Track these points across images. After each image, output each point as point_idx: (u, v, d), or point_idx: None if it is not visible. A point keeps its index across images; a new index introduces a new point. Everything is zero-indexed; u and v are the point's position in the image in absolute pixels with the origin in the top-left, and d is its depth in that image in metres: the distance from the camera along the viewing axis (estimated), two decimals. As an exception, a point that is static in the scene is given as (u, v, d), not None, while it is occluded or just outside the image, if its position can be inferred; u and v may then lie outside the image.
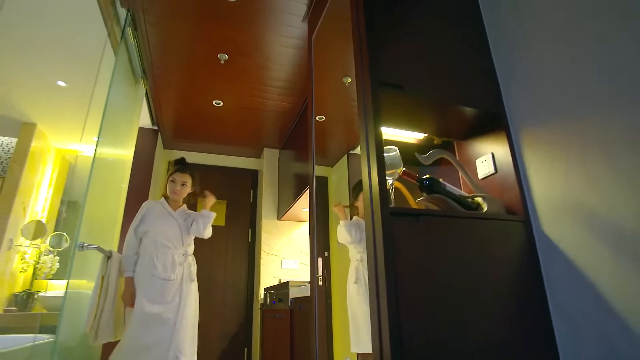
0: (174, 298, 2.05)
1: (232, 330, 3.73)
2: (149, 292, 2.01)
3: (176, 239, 2.19)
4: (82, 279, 1.99)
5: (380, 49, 1.41)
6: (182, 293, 2.08)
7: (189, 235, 2.25)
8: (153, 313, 1.97)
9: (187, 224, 2.25)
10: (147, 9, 2.22)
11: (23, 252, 3.34)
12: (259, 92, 3.08)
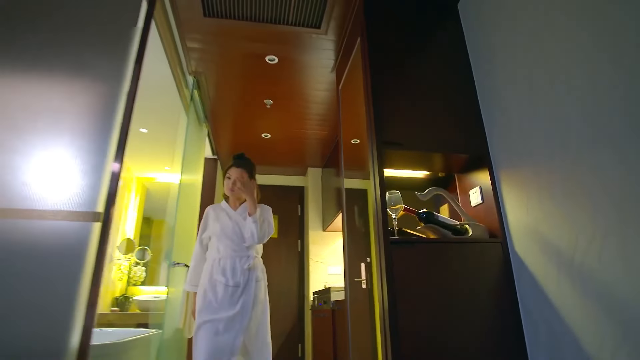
0: (240, 302, 1.91)
1: (288, 328, 4.29)
2: (213, 299, 1.92)
3: (237, 240, 2.04)
4: (172, 287, 2.61)
5: (384, 113, 1.85)
6: (248, 295, 1.93)
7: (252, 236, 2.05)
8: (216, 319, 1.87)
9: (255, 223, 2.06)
10: (207, 74, 2.82)
11: (119, 264, 4.14)
12: (300, 125, 3.61)
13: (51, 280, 1.29)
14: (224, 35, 2.44)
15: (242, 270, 1.98)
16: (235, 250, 2.02)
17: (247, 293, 1.95)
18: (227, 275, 1.96)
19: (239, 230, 2.06)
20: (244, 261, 2.00)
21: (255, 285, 2.00)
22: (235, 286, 1.95)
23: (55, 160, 1.47)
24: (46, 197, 1.41)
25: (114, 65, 1.70)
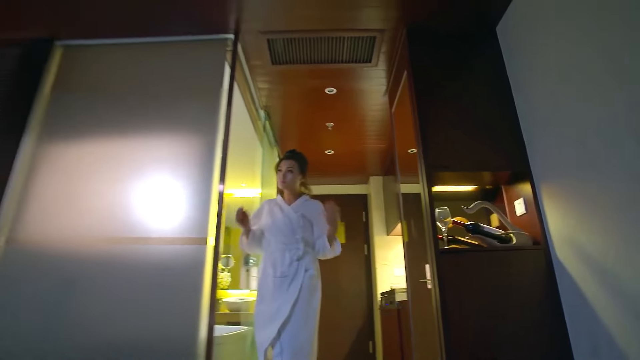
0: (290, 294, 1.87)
1: (358, 326, 4.64)
2: (264, 290, 1.94)
3: (288, 233, 2.02)
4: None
5: (431, 138, 2.13)
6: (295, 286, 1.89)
7: (304, 229, 2.04)
8: (265, 311, 1.88)
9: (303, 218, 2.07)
10: (275, 107, 3.29)
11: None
12: (360, 141, 3.96)
13: (183, 289, 1.79)
14: (288, 76, 2.87)
15: (290, 261, 1.94)
16: (285, 242, 1.99)
17: (296, 283, 1.89)
18: (276, 266, 1.94)
19: (289, 223, 2.04)
20: (293, 252, 1.96)
21: (304, 275, 1.92)
22: (282, 277, 1.92)
23: (178, 200, 1.98)
24: (173, 228, 1.92)
25: (210, 119, 2.19)
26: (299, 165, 2.17)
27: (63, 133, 2.24)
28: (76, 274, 1.92)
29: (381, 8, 2.23)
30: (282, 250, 1.98)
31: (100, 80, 2.38)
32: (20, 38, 2.41)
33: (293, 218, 2.06)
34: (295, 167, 2.16)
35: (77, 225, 2.02)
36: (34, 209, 2.07)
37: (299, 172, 2.16)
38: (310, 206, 2.14)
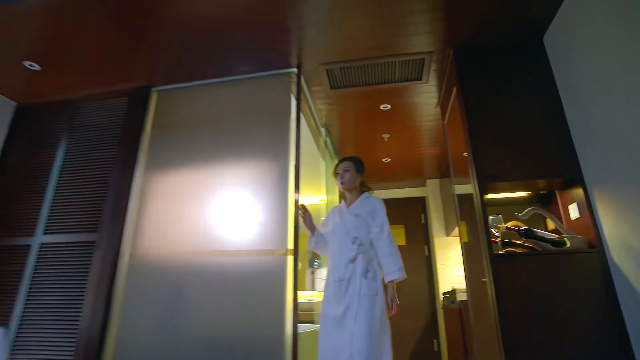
0: (349, 299, 1.92)
1: (422, 326, 4.80)
2: (327, 294, 2.01)
3: (343, 236, 2.08)
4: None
5: (481, 150, 2.30)
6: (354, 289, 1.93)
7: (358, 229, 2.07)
8: (328, 315, 1.95)
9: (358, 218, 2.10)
10: (334, 124, 3.60)
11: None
12: (415, 148, 4.15)
13: (270, 292, 2.14)
14: (345, 98, 3.16)
15: (345, 264, 1.98)
16: (341, 246, 2.06)
17: (353, 286, 1.93)
18: (334, 270, 2.02)
19: (344, 225, 2.10)
20: (347, 254, 2.00)
21: (360, 279, 1.94)
22: (340, 280, 1.96)
23: (260, 217, 2.35)
24: (258, 241, 2.29)
25: (281, 144, 2.54)
26: (354, 165, 2.25)
27: (164, 164, 2.72)
28: (183, 280, 2.36)
29: (429, 34, 2.44)
30: (338, 253, 2.05)
31: (187, 117, 2.83)
32: (127, 88, 2.94)
33: (348, 220, 2.11)
34: (351, 167, 2.24)
35: (180, 241, 2.47)
36: (146, 228, 2.56)
37: (355, 171, 2.23)
38: (367, 204, 2.16)
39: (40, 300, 2.49)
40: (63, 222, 2.68)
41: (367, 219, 2.09)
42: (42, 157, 2.95)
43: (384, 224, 2.07)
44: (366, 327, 1.83)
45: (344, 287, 1.96)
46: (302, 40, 2.51)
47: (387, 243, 2.03)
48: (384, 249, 2.02)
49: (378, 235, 2.05)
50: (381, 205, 2.15)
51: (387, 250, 2.01)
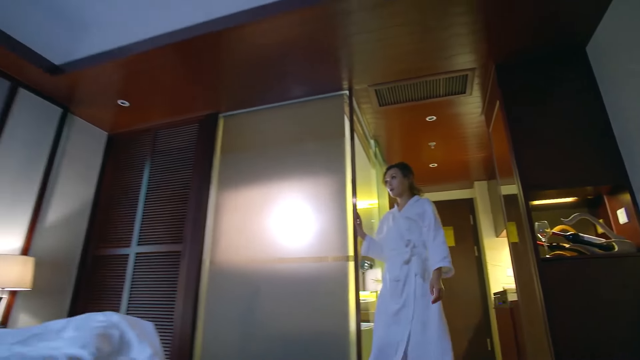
0: (405, 299, 2.05)
1: (474, 325, 4.90)
2: (384, 292, 2.18)
3: (397, 239, 2.22)
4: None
5: (526, 160, 2.45)
6: (409, 290, 2.06)
7: (410, 232, 2.20)
8: (384, 311, 2.11)
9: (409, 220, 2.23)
10: (383, 135, 3.83)
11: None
12: (462, 154, 4.28)
13: (336, 294, 2.43)
14: (392, 113, 3.39)
15: (400, 265, 2.12)
16: (395, 248, 2.21)
17: (409, 287, 2.06)
18: (390, 271, 2.16)
19: (397, 229, 2.23)
20: (401, 256, 2.13)
21: (415, 280, 2.06)
22: (396, 280, 2.10)
23: (324, 227, 2.64)
24: (323, 249, 2.59)
25: (338, 160, 2.80)
26: (400, 170, 2.39)
27: (233, 181, 3.09)
28: (256, 283, 2.71)
29: (471, 53, 2.62)
30: (394, 255, 2.19)
31: (251, 139, 3.19)
32: (198, 116, 3.36)
33: (400, 223, 2.24)
34: (398, 173, 2.38)
35: (252, 249, 2.83)
36: (222, 239, 2.94)
37: (402, 176, 2.37)
38: (417, 206, 2.26)
39: (140, 300, 2.95)
40: (153, 235, 3.14)
41: (418, 221, 2.20)
42: (131, 178, 3.45)
43: (432, 222, 2.15)
44: (421, 326, 1.98)
45: (400, 287, 2.09)
46: (352, 66, 2.77)
47: (433, 238, 2.11)
48: (431, 243, 2.11)
49: (427, 234, 2.15)
50: (430, 205, 2.24)
51: (433, 243, 2.10)
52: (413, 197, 2.36)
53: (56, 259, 3.05)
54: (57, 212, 3.12)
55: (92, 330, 1.17)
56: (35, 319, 2.81)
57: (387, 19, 2.30)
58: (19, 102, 2.91)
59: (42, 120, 3.10)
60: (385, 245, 2.32)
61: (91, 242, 3.31)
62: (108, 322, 1.26)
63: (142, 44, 2.67)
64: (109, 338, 1.16)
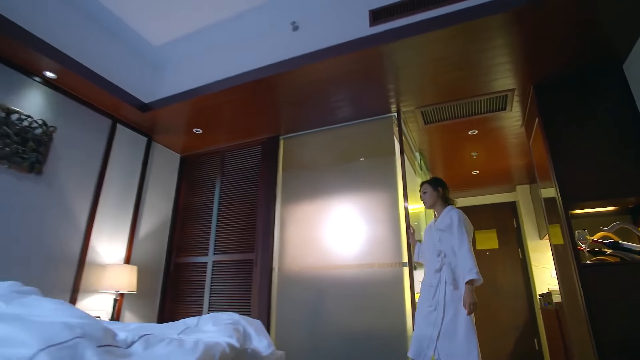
0: (436, 303, 2.26)
1: (520, 325, 5.06)
2: (422, 295, 2.41)
3: (431, 248, 2.42)
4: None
5: (566, 173, 2.67)
6: (440, 295, 2.25)
7: (442, 242, 2.37)
8: (421, 311, 2.35)
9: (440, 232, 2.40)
10: (426, 148, 4.12)
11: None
12: (504, 161, 4.49)
13: (392, 296, 2.77)
14: (437, 129, 3.68)
15: (433, 272, 2.33)
16: (430, 258, 2.42)
17: (439, 292, 2.25)
18: (426, 277, 2.41)
19: (431, 239, 2.44)
20: (434, 265, 2.34)
21: (445, 287, 2.24)
22: (430, 286, 2.33)
23: (380, 237, 2.99)
24: (379, 256, 2.93)
25: (389, 177, 3.15)
26: (430, 185, 2.57)
27: (295, 196, 3.51)
28: (320, 288, 3.10)
29: (511, 77, 2.88)
30: (428, 264, 2.41)
31: (309, 158, 3.59)
32: (261, 138, 3.81)
33: (434, 234, 2.42)
34: (428, 188, 2.56)
35: (315, 257, 3.22)
36: (288, 248, 3.36)
37: (432, 190, 2.54)
38: (446, 217, 2.39)
39: (219, 302, 3.43)
40: (226, 245, 3.61)
41: (447, 231, 2.34)
42: (203, 194, 3.95)
43: (455, 230, 2.29)
44: (451, 329, 2.16)
45: (432, 292, 2.31)
46: (400, 93, 3.10)
47: (459, 246, 2.25)
48: (458, 252, 2.26)
49: (453, 242, 2.30)
50: (457, 214, 2.35)
51: (460, 252, 2.25)
52: (446, 207, 2.50)
53: (148, 266, 3.59)
54: (146, 227, 3.66)
55: (227, 325, 1.58)
56: (137, 316, 3.35)
57: (431, 54, 2.62)
58: (117, 136, 3.47)
59: (133, 149, 3.66)
60: (424, 254, 2.56)
61: (173, 251, 3.84)
62: (233, 320, 1.67)
63: (214, 85, 3.14)
64: (239, 331, 1.57)
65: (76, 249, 2.99)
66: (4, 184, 2.57)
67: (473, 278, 2.15)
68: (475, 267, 2.17)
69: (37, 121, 2.79)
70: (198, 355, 1.16)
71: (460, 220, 2.33)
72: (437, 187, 2.57)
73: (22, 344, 0.91)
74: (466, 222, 2.36)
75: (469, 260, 2.19)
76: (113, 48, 3.23)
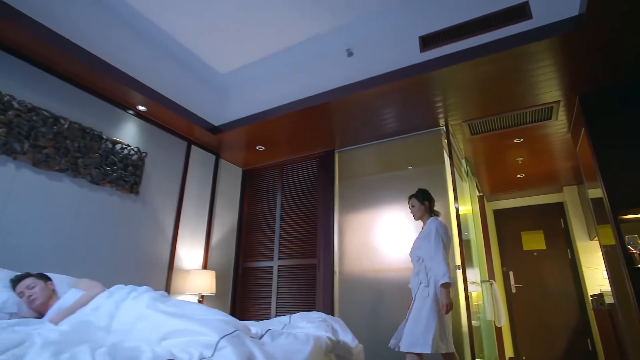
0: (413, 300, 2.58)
1: (572, 325, 5.11)
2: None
3: (414, 256, 2.72)
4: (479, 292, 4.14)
5: (613, 181, 2.82)
6: (416, 295, 2.56)
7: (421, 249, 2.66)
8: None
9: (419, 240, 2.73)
10: (471, 156, 4.31)
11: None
12: (550, 165, 4.59)
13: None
14: (482, 139, 3.88)
15: (414, 276, 2.67)
16: (413, 262, 2.74)
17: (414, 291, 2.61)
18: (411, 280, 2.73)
19: (414, 247, 2.74)
20: (415, 270, 2.68)
21: (420, 286, 2.55)
22: (410, 287, 2.71)
23: (433, 244, 3.24)
24: (433, 261, 3.19)
25: (440, 187, 3.39)
26: (416, 199, 2.82)
27: (352, 205, 3.82)
28: (379, 289, 3.40)
29: (556, 91, 3.05)
30: (414, 264, 2.71)
31: (363, 170, 3.90)
32: (317, 152, 4.17)
33: (416, 242, 2.74)
34: (415, 202, 2.82)
35: (371, 261, 3.52)
36: (346, 253, 3.68)
37: (420, 204, 2.79)
38: (427, 227, 2.70)
39: (285, 303, 3.81)
40: (290, 250, 3.99)
41: (426, 239, 2.64)
42: (266, 205, 4.36)
43: (432, 239, 2.57)
44: (415, 318, 2.46)
45: (413, 293, 2.64)
46: (448, 110, 3.34)
47: (434, 254, 2.53)
48: (433, 261, 2.53)
49: (430, 249, 2.56)
50: (436, 226, 2.63)
51: (435, 259, 2.52)
52: (430, 218, 2.76)
53: (220, 271, 4.03)
54: (217, 235, 4.11)
55: (319, 322, 1.92)
56: (214, 316, 3.79)
57: (479, 74, 2.86)
58: (192, 155, 3.93)
59: (205, 166, 4.12)
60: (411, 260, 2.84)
61: (240, 256, 4.27)
62: (323, 317, 2.01)
63: (277, 110, 3.52)
64: (330, 326, 1.91)
65: (166, 257, 3.46)
66: (113, 203, 3.07)
67: (446, 282, 2.41)
68: (447, 272, 2.44)
69: (134, 149, 3.28)
70: (312, 345, 1.50)
71: (438, 230, 2.61)
72: (424, 201, 2.82)
73: (204, 334, 1.28)
74: (444, 232, 2.64)
75: (442, 266, 2.46)
76: (186, 78, 3.68)
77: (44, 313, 2.12)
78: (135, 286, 2.01)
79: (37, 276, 2.20)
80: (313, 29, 3.26)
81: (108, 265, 2.96)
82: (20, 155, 2.51)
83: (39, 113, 2.64)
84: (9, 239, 2.42)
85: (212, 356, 1.17)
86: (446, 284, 2.43)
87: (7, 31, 2.42)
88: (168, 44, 3.42)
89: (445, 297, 2.43)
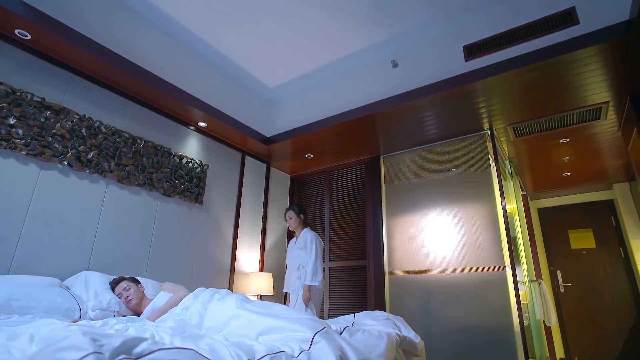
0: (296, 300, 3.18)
1: (628, 326, 4.99)
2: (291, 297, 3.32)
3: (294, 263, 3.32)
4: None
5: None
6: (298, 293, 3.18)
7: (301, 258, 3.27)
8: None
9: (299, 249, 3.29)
10: (515, 157, 4.34)
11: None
12: (598, 163, 4.54)
13: (498, 296, 3.12)
14: (527, 140, 3.92)
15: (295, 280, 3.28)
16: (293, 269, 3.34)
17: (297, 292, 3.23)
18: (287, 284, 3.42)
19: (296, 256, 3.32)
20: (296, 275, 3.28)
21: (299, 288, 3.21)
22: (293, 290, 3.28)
23: (484, 243, 3.35)
24: (482, 260, 3.29)
25: (486, 190, 3.48)
26: (293, 212, 3.38)
27: (399, 208, 3.97)
28: (429, 289, 3.53)
29: (604, 92, 3.07)
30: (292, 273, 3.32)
31: (409, 174, 4.04)
32: (363, 158, 4.34)
33: (295, 251, 3.29)
34: (292, 214, 3.38)
35: (420, 262, 3.65)
36: (395, 254, 3.83)
37: (296, 216, 3.37)
38: (303, 238, 3.29)
39: (338, 303, 4.01)
40: (339, 253, 4.19)
41: (304, 249, 3.22)
42: (314, 209, 4.58)
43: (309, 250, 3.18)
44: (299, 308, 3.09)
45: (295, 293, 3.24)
46: (492, 115, 3.43)
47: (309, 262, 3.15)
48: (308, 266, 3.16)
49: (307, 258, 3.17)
50: (311, 237, 3.25)
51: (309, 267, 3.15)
52: (304, 229, 3.34)
53: (275, 273, 4.29)
54: (270, 239, 4.37)
55: (384, 320, 2.10)
56: (272, 315, 4.05)
57: (524, 81, 2.93)
58: (246, 165, 4.22)
59: (257, 175, 4.40)
60: (289, 265, 3.42)
61: (291, 259, 4.51)
62: (386, 315, 2.19)
63: (325, 122, 3.73)
64: (394, 324, 2.08)
65: (227, 261, 3.75)
66: (182, 213, 3.38)
67: (312, 284, 3.09)
68: (315, 276, 3.10)
69: (197, 162, 3.59)
70: (385, 340, 1.68)
71: (312, 240, 3.23)
72: (300, 214, 3.40)
73: (299, 330, 1.49)
74: (317, 241, 3.25)
75: (317, 273, 3.12)
76: (239, 93, 3.96)
77: (137, 312, 2.43)
78: (216, 289, 2.27)
79: (130, 280, 2.52)
80: (359, 43, 3.43)
81: (181, 270, 3.27)
82: (108, 173, 2.85)
83: (121, 135, 2.97)
84: (102, 247, 2.76)
85: (310, 349, 1.38)
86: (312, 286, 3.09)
87: (94, 65, 2.76)
88: (221, 63, 3.71)
89: (307, 294, 3.08)
